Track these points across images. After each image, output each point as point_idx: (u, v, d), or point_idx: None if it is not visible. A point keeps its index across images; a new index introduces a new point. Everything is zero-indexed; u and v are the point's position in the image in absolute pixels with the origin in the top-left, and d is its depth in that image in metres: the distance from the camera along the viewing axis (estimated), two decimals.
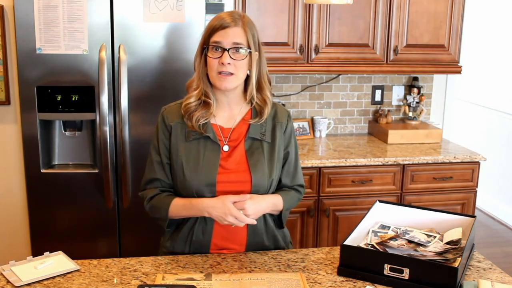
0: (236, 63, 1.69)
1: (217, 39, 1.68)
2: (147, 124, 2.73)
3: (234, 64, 1.69)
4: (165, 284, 1.56)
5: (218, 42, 1.68)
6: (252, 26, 1.73)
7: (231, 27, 1.67)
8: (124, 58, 2.63)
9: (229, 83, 1.71)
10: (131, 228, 2.85)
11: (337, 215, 3.17)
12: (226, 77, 1.69)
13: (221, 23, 1.68)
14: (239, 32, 1.68)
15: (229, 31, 1.67)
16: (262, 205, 1.75)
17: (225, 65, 1.67)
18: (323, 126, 3.65)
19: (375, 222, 1.93)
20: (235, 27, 1.68)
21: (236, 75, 1.70)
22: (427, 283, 1.55)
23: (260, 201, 1.74)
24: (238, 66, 1.69)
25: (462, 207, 3.32)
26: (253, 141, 1.80)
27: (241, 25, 1.69)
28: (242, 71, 1.72)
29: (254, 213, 1.71)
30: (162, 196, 1.80)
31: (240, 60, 1.69)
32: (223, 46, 1.67)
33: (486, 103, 5.09)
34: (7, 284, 1.58)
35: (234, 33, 1.67)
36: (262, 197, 1.76)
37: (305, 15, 3.20)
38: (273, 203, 1.80)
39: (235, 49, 1.68)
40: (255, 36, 1.73)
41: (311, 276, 1.66)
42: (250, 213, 1.69)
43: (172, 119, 1.79)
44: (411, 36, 3.37)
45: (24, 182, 2.82)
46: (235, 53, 1.68)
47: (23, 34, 2.57)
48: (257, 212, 1.73)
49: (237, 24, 1.68)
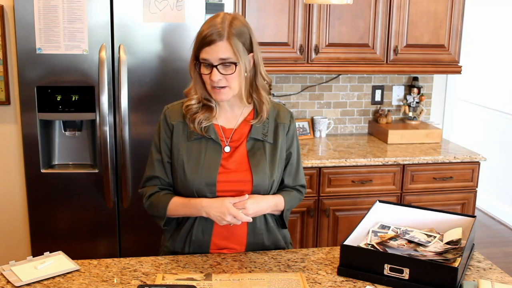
0: (227, 77, 1.68)
1: (205, 56, 1.66)
2: (147, 124, 2.73)
3: (225, 78, 1.68)
4: (165, 284, 1.56)
5: (206, 59, 1.67)
6: (240, 33, 1.68)
7: (217, 42, 1.64)
8: (124, 58, 2.63)
9: (224, 95, 1.71)
10: (131, 228, 2.85)
11: (337, 215, 3.17)
12: (220, 90, 1.70)
13: (208, 39, 1.64)
14: (224, 46, 1.65)
15: (214, 48, 1.64)
16: (263, 205, 1.75)
17: (216, 81, 1.67)
18: (323, 126, 3.65)
19: (375, 222, 1.92)
20: (220, 42, 1.64)
21: (230, 87, 1.70)
22: (427, 283, 1.55)
23: (260, 200, 1.74)
24: (230, 79, 1.68)
25: (462, 207, 3.32)
26: (255, 141, 1.80)
27: (226, 38, 1.64)
28: (234, 82, 1.70)
29: (254, 213, 1.71)
30: (161, 194, 1.80)
31: (230, 74, 1.68)
32: (211, 63, 1.66)
33: (486, 103, 5.09)
34: (7, 284, 1.58)
35: (219, 49, 1.64)
36: (263, 197, 1.76)
37: (305, 15, 3.20)
38: (274, 204, 1.80)
39: (222, 64, 1.67)
40: (246, 41, 1.69)
41: (311, 276, 1.66)
42: (250, 213, 1.69)
43: (175, 118, 1.80)
44: (411, 36, 3.37)
45: (24, 182, 2.82)
46: (224, 68, 1.67)
47: (23, 34, 2.57)
48: (258, 212, 1.74)
49: (222, 37, 1.64)
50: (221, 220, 1.69)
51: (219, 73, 1.66)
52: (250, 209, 1.69)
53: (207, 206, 1.70)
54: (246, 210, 1.68)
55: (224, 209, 1.67)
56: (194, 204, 1.73)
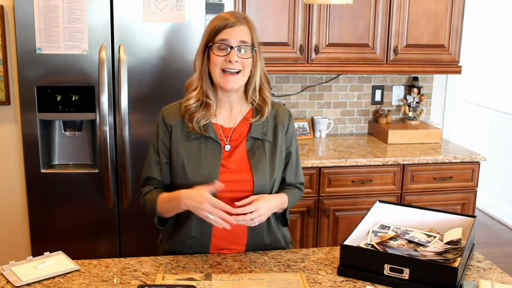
0: (243, 61, 1.70)
1: (224, 36, 1.68)
2: (147, 124, 2.73)
3: (242, 62, 1.69)
4: (165, 284, 1.56)
5: (225, 40, 1.68)
6: (254, 26, 1.75)
7: (237, 25, 1.68)
8: (124, 58, 2.63)
9: (235, 82, 1.71)
10: (131, 228, 2.85)
11: (337, 215, 3.17)
12: (232, 76, 1.70)
13: (226, 23, 1.68)
14: (245, 30, 1.70)
15: (236, 29, 1.68)
16: (272, 204, 1.74)
17: (233, 63, 1.68)
18: (323, 126, 3.65)
19: (375, 222, 1.93)
20: (241, 26, 1.69)
21: (243, 72, 1.71)
22: (427, 283, 1.55)
23: (270, 200, 1.73)
24: (245, 64, 1.71)
25: (462, 207, 3.32)
26: (255, 140, 1.80)
27: (246, 24, 1.71)
28: (247, 69, 1.73)
29: (265, 213, 1.69)
30: (153, 192, 1.80)
31: (247, 58, 1.70)
32: (230, 44, 1.68)
33: (486, 103, 5.09)
34: (7, 284, 1.58)
35: (241, 31, 1.68)
36: (270, 196, 1.75)
37: (305, 15, 3.20)
38: (280, 203, 1.79)
39: (241, 47, 1.69)
40: (257, 37, 1.75)
41: (311, 276, 1.66)
42: (262, 213, 1.66)
43: (173, 118, 1.79)
44: (411, 36, 3.37)
45: (24, 182, 2.82)
46: (241, 52, 1.69)
47: (23, 34, 2.57)
48: (268, 212, 1.72)
49: (242, 23, 1.70)
50: (199, 211, 1.61)
51: (236, 55, 1.67)
52: (262, 209, 1.66)
53: (185, 197, 1.64)
54: (258, 211, 1.65)
55: (201, 198, 1.60)
56: (176, 197, 1.68)
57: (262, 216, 1.68)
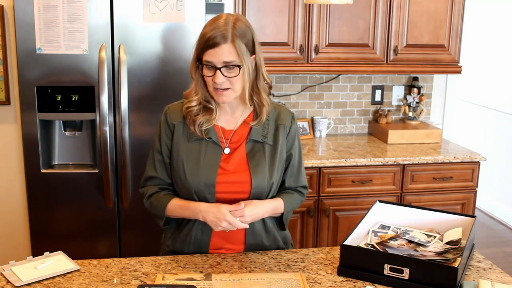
0: (230, 79, 1.68)
1: (208, 58, 1.66)
2: (147, 124, 2.73)
3: (229, 80, 1.68)
4: (165, 284, 1.56)
5: (210, 62, 1.66)
6: (243, 34, 1.67)
7: (221, 45, 1.63)
8: (124, 58, 2.63)
9: (227, 97, 1.71)
10: (131, 228, 2.85)
11: (337, 215, 3.17)
12: (223, 92, 1.69)
13: (209, 43, 1.64)
14: (228, 49, 1.64)
15: (219, 51, 1.64)
16: (260, 210, 1.75)
17: (219, 83, 1.67)
18: (323, 126, 3.65)
19: (375, 222, 1.93)
20: (224, 44, 1.63)
21: (233, 89, 1.70)
22: (427, 283, 1.55)
23: (257, 205, 1.74)
24: (233, 81, 1.68)
25: (462, 207, 3.32)
26: (255, 143, 1.79)
27: (230, 41, 1.64)
28: (237, 84, 1.69)
29: (252, 219, 1.73)
30: (161, 194, 1.81)
31: (233, 76, 1.67)
32: (215, 65, 1.66)
33: (486, 103, 5.09)
34: (7, 284, 1.58)
35: (223, 51, 1.64)
36: (260, 202, 1.76)
37: (305, 15, 3.20)
38: (273, 208, 1.80)
39: (226, 67, 1.66)
40: (249, 43, 1.69)
41: (311, 276, 1.66)
42: (248, 220, 1.70)
43: (175, 118, 1.80)
44: (411, 36, 3.37)
45: (24, 182, 2.82)
46: (228, 70, 1.66)
47: (23, 34, 2.57)
48: (256, 218, 1.75)
49: (226, 40, 1.63)
50: (217, 226, 1.69)
51: (222, 75, 1.66)
52: (248, 216, 1.70)
53: (204, 211, 1.71)
54: (244, 218, 1.70)
55: (221, 215, 1.67)
56: (192, 208, 1.74)
57: (249, 222, 1.72)
